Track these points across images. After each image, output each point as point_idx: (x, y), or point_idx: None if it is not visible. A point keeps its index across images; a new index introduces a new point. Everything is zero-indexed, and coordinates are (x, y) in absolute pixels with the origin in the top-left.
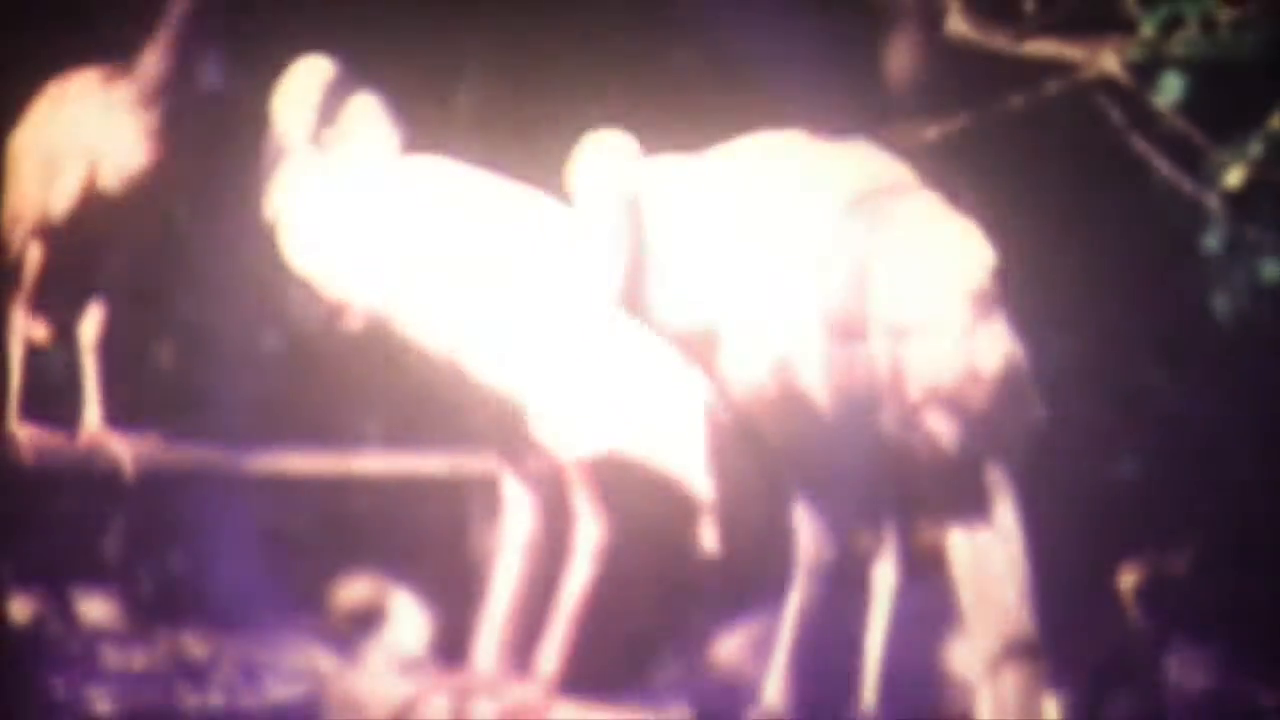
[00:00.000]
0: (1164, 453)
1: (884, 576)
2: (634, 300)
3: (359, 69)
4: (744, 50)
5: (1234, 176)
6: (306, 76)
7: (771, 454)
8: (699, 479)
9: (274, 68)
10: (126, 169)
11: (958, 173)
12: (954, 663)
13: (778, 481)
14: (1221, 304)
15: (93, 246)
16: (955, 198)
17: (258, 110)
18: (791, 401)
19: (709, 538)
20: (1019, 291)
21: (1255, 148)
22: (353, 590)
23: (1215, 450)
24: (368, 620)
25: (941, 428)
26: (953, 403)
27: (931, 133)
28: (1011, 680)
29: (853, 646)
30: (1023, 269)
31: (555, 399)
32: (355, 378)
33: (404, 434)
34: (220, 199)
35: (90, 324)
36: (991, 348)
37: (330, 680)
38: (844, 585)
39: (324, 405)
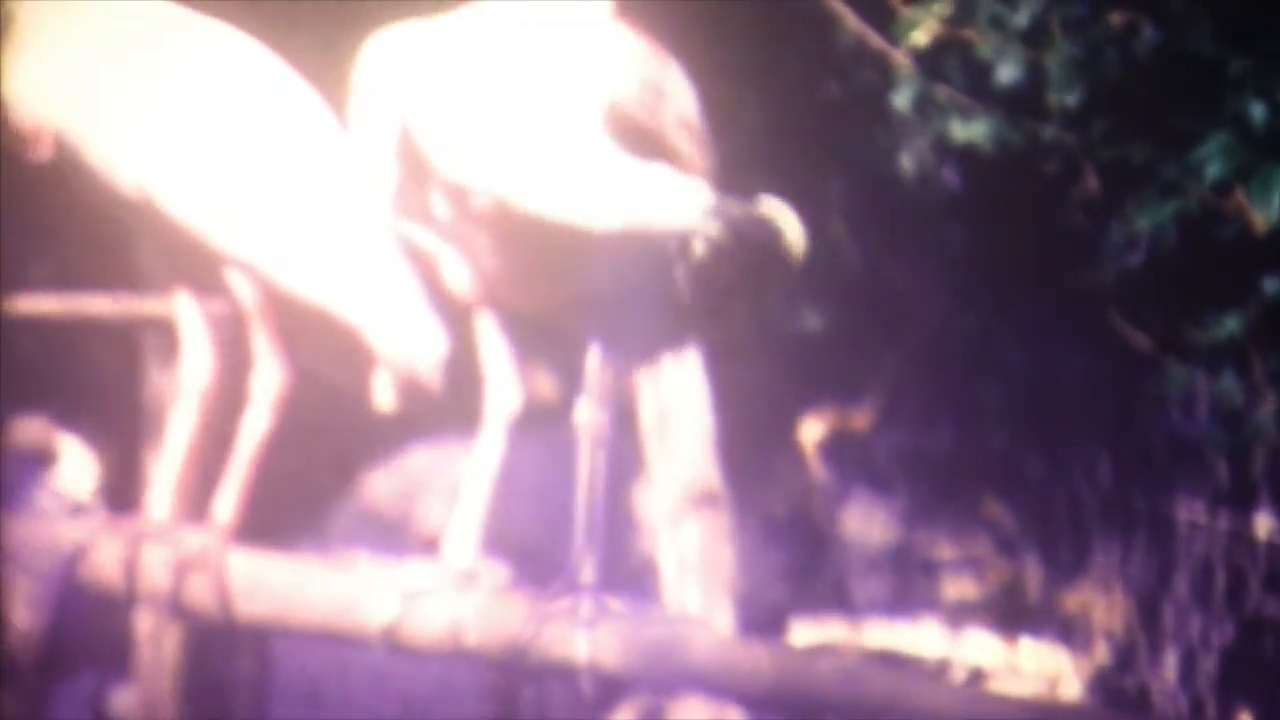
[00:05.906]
0: (847, 307)
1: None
2: None
3: None
4: None
5: (921, 34)
6: None
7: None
8: (379, 333)
9: None
10: None
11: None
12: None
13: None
14: (908, 163)
15: None
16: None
17: None
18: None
19: (384, 393)
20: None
21: (942, 5)
22: (20, 433)
23: (898, 307)
24: (36, 464)
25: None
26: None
27: None
28: (693, 529)
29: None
30: (711, 124)
31: (250, 238)
32: (22, 218)
33: (74, 276)
34: None
35: None
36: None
37: None
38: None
39: None
